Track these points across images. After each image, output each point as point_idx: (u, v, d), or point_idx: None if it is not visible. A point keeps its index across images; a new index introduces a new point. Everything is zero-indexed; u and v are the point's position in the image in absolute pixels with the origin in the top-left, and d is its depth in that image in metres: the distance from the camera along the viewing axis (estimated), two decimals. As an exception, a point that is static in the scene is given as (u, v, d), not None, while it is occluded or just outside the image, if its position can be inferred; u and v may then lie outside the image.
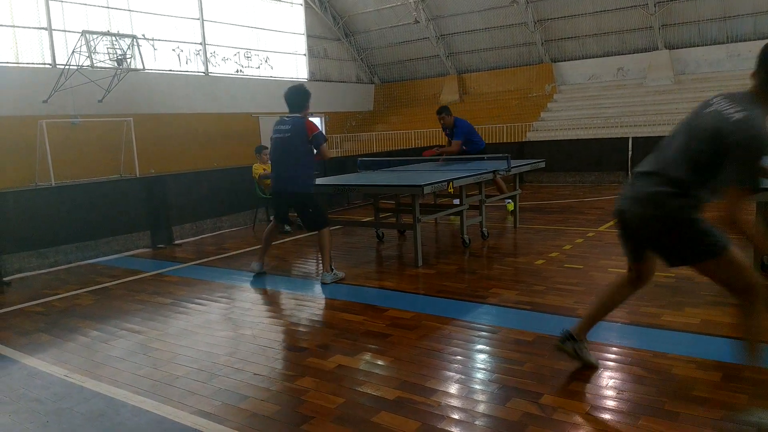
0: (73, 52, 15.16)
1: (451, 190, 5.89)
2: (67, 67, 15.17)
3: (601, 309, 3.13)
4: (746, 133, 2.32)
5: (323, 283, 5.27)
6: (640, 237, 2.78)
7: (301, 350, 3.73)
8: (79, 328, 4.34)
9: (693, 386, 2.88)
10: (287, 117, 5.35)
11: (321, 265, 5.46)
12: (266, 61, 22.78)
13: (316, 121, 25.01)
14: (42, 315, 4.72)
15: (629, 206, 2.72)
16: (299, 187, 5.30)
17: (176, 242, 7.82)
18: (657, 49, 19.69)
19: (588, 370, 3.15)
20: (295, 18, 24.12)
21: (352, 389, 3.05)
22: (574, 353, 3.13)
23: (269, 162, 9.08)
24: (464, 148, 8.24)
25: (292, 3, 23.90)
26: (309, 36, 24.43)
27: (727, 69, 18.30)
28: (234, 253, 7.01)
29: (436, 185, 5.66)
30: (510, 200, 8.22)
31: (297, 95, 5.34)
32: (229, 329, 4.20)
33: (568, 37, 21.59)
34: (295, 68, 24.12)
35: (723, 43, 18.75)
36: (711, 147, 2.43)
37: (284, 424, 2.73)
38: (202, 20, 20.33)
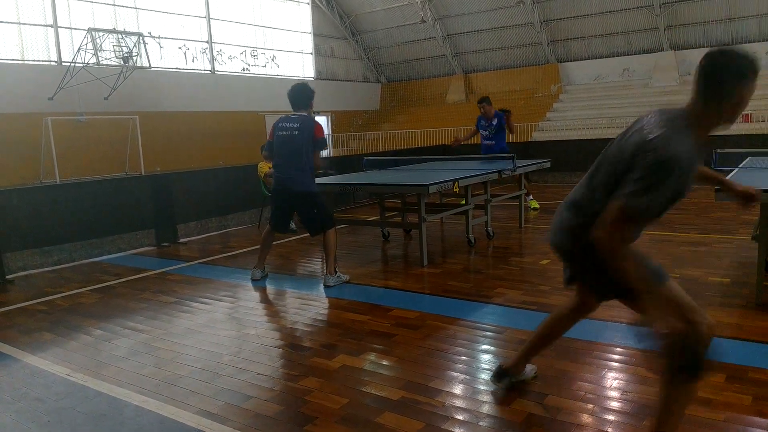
0: (78, 49, 15.21)
1: (457, 189, 5.87)
2: (72, 64, 15.22)
3: (542, 340, 2.88)
4: (654, 154, 1.98)
5: (326, 287, 5.14)
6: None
7: (305, 350, 3.72)
8: (82, 326, 4.34)
9: (698, 387, 2.85)
10: (294, 115, 5.21)
11: (326, 265, 5.41)
12: (273, 60, 22.80)
13: (322, 120, 25.09)
14: (45, 313, 4.72)
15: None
16: (305, 186, 5.15)
17: (181, 240, 7.82)
18: (662, 49, 19.63)
19: (593, 371, 3.12)
20: (302, 17, 24.13)
21: (357, 389, 3.04)
22: (511, 385, 2.94)
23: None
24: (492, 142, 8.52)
25: (299, 2, 23.91)
26: (316, 35, 24.44)
27: (733, 69, 18.23)
28: (239, 251, 7.01)
29: (441, 185, 5.64)
30: (532, 197, 8.45)
31: (302, 92, 5.23)
32: (233, 329, 4.19)
33: (574, 38, 21.53)
34: (302, 67, 24.14)
35: (728, 44, 18.65)
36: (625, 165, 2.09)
37: (287, 424, 2.72)
38: (209, 18, 20.37)
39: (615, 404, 2.76)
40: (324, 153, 5.22)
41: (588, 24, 20.88)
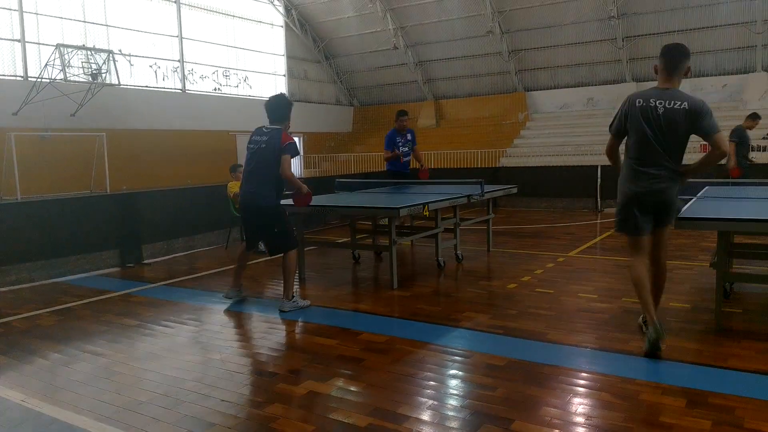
0: (46, 65, 14.94)
1: (427, 213, 5.91)
2: (39, 80, 14.93)
3: (649, 292, 3.84)
4: (699, 106, 3.79)
5: (282, 312, 4.97)
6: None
7: (271, 375, 3.66)
8: (39, 349, 4.18)
9: (660, 412, 2.90)
10: (267, 128, 5.09)
11: (293, 288, 5.33)
12: (245, 81, 22.77)
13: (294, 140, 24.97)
14: (0, 335, 4.55)
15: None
16: (266, 200, 4.95)
17: (146, 261, 7.66)
18: (625, 81, 20.32)
19: (559, 396, 3.15)
20: (275, 39, 24.23)
21: (323, 416, 3.00)
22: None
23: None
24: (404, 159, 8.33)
25: (272, 24, 24.02)
26: (289, 57, 24.54)
27: (692, 101, 18.94)
28: (205, 273, 6.89)
29: (412, 208, 5.68)
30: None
31: (279, 104, 5.08)
32: (196, 353, 4.11)
33: (541, 68, 22.12)
34: (275, 88, 24.14)
35: (687, 77, 19.42)
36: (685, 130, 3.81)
37: (251, 451, 2.66)
38: (181, 37, 20.28)
39: (580, 429, 2.78)
40: (294, 161, 4.95)
41: (554, 55, 21.49)
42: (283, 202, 5.23)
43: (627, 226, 3.93)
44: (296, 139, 26.21)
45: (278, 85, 24.29)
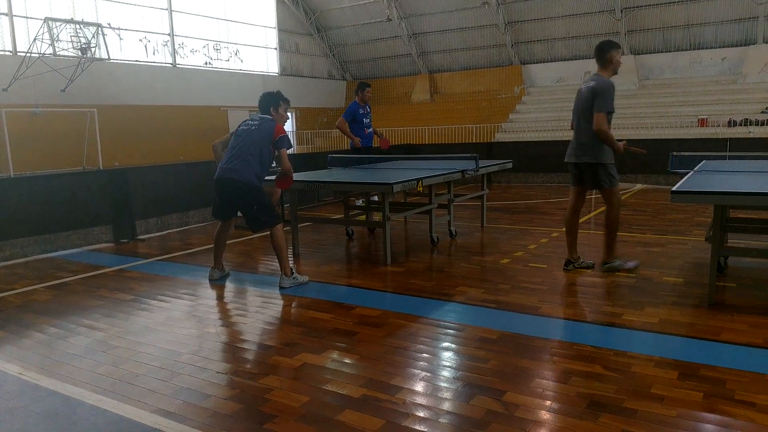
0: (34, 39, 14.69)
1: (421, 188, 5.91)
2: (28, 54, 14.69)
3: (572, 234, 5.30)
4: (600, 86, 4.85)
5: (281, 288, 4.97)
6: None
7: (266, 348, 3.69)
8: (35, 324, 4.20)
9: (651, 384, 2.95)
10: (258, 116, 5.15)
11: (290, 264, 5.34)
12: (236, 54, 22.48)
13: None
14: (-4, 310, 4.55)
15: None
16: (242, 176, 4.87)
17: (140, 237, 7.65)
18: (623, 54, 20.12)
19: (550, 368, 3.19)
20: (267, 11, 23.85)
21: (318, 387, 3.03)
22: (575, 268, 5.29)
23: None
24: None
25: (263, -4, 23.63)
26: (280, 30, 24.20)
27: (688, 75, 18.83)
28: (199, 249, 6.89)
29: (406, 184, 5.67)
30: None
31: (265, 98, 5.20)
32: (192, 327, 4.13)
33: (538, 40, 21.90)
34: (266, 62, 23.86)
35: (686, 50, 19.28)
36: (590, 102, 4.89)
37: (247, 422, 2.70)
38: (171, 10, 19.94)
39: (571, 400, 2.82)
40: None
41: (551, 27, 21.27)
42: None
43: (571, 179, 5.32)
44: (288, 114, 26.04)
45: (269, 59, 24.01)
